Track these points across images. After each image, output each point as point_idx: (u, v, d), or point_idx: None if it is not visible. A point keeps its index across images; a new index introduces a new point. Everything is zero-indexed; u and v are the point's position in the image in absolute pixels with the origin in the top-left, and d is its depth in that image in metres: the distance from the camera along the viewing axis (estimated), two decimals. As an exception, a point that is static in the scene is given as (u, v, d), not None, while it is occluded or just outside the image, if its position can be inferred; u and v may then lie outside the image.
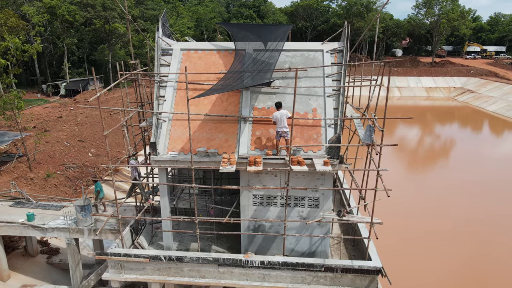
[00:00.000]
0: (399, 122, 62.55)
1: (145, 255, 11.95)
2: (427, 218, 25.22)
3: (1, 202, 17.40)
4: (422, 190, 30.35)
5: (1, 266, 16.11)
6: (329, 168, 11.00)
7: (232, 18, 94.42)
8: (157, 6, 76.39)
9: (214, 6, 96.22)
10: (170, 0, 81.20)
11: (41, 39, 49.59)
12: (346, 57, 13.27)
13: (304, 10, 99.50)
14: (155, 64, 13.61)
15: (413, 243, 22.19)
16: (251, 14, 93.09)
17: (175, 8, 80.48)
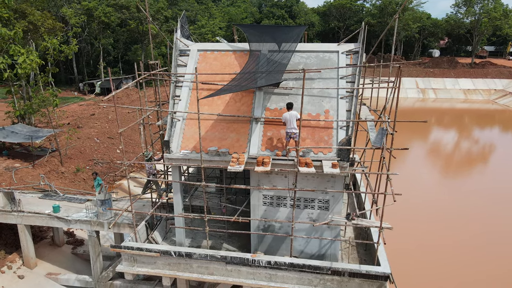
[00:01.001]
0: (434, 126, 60.47)
1: (156, 250, 12.32)
2: (453, 225, 24.29)
3: (31, 194, 18.47)
4: (452, 196, 29.23)
5: (28, 254, 17.09)
6: (337, 170, 10.90)
7: (264, 19, 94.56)
8: (190, 7, 77.94)
9: (246, 7, 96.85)
10: (203, 1, 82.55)
11: (79, 40, 52.02)
12: (361, 58, 13.07)
13: (337, 10, 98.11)
14: (172, 64, 14.00)
15: (433, 250, 21.44)
16: (283, 14, 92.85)
17: (207, 9, 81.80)
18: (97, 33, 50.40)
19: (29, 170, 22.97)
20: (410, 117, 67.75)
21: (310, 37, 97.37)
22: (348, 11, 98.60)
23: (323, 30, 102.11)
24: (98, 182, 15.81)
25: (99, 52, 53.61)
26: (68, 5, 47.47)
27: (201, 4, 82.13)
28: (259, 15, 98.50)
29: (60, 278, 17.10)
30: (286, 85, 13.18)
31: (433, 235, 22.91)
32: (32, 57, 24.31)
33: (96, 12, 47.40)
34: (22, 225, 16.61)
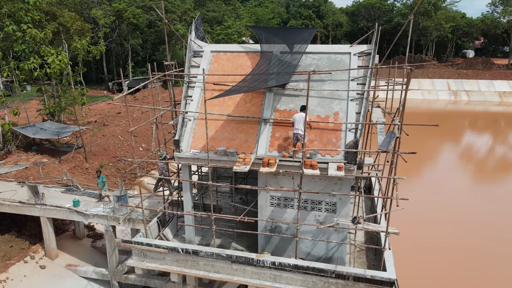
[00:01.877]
0: (466, 129, 58.37)
1: (165, 246, 12.64)
2: (474, 231, 23.43)
3: (55, 188, 19.33)
4: (479, 201, 28.17)
5: (50, 245, 17.91)
6: (342, 173, 10.81)
7: (291, 19, 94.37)
8: (217, 8, 78.84)
9: (274, 7, 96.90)
10: (230, 2, 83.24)
11: (109, 40, 53.81)
12: (373, 60, 12.88)
13: (366, 9, 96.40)
14: (185, 65, 14.30)
15: (453, 257, 20.77)
16: (310, 14, 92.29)
17: (234, 9, 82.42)
18: (126, 34, 51.94)
19: (56, 166, 24.01)
20: (440, 120, 66.02)
21: (337, 38, 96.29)
22: (378, 11, 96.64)
23: (351, 30, 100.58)
24: (102, 179, 16.43)
25: (128, 52, 55.23)
26: (99, 6, 49.18)
27: (228, 5, 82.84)
28: (286, 16, 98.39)
29: (79, 269, 17.80)
30: (297, 86, 13.19)
31: (455, 239, 22.20)
32: (61, 57, 25.42)
33: (125, 13, 48.86)
34: (45, 217, 17.42)
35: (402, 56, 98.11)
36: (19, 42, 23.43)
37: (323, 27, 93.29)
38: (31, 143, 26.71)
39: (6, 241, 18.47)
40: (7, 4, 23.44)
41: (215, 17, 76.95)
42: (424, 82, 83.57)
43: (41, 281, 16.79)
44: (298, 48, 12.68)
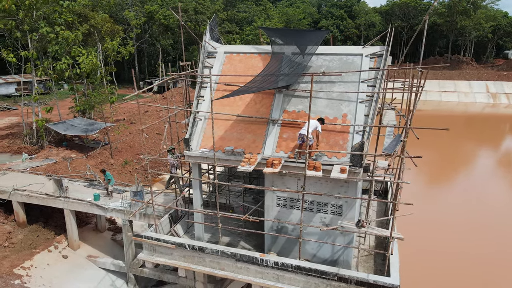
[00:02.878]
0: (507, 134, 55.71)
1: (172, 242, 13.02)
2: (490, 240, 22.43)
3: (79, 182, 20.31)
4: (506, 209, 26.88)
5: (72, 237, 18.83)
6: (344, 176, 10.73)
7: (322, 19, 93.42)
8: (247, 8, 79.43)
9: (305, 7, 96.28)
10: (261, 3, 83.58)
11: (141, 41, 55.53)
12: (385, 61, 12.67)
13: (401, 9, 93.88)
14: (199, 65, 14.64)
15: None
16: (342, 14, 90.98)
17: (265, 10, 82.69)
18: (157, 34, 53.44)
19: (83, 161, 25.17)
20: (478, 125, 63.08)
21: (369, 38, 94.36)
22: (413, 10, 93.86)
23: (385, 30, 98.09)
24: (107, 177, 17.13)
25: (159, 52, 56.78)
26: (132, 8, 50.87)
27: (259, 6, 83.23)
28: (317, 16, 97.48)
29: (98, 261, 18.61)
30: (307, 88, 13.17)
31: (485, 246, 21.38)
32: (90, 57, 26.60)
33: (156, 15, 50.28)
34: (68, 210, 18.35)
35: (438, 56, 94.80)
36: (52, 43, 24.76)
37: (354, 27, 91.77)
38: (62, 139, 28.12)
39: (34, 230, 19.61)
40: (43, 7, 24.81)
41: (246, 18, 77.56)
42: (460, 84, 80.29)
43: (63, 270, 17.70)
44: (308, 50, 12.67)
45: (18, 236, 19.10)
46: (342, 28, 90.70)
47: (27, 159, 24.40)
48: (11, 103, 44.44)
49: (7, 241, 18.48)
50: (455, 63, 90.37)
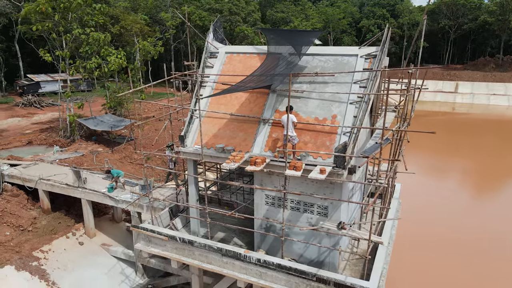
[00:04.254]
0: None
1: (165, 234, 13.61)
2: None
3: (98, 174, 21.59)
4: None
5: (89, 225, 20.08)
6: (322, 176, 10.70)
7: (364, 18, 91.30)
8: (285, 8, 79.38)
9: (346, 7, 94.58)
10: (299, 2, 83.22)
11: (178, 41, 57.37)
12: (381, 62, 12.45)
13: (448, 7, 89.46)
14: (201, 65, 15.14)
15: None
16: (384, 13, 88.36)
17: (303, 10, 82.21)
18: (192, 35, 54.99)
19: (108, 155, 26.64)
20: (496, 128, 58.97)
21: (413, 38, 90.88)
22: (462, 8, 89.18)
23: (430, 30, 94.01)
24: (113, 174, 18.12)
25: (194, 52, 58.35)
26: (170, 9, 52.76)
27: (297, 6, 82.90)
28: (359, 15, 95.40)
29: (111, 249, 19.69)
30: (300, 88, 13.24)
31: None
32: (120, 56, 28.09)
33: (192, 16, 51.77)
34: (85, 199, 19.60)
35: (488, 57, 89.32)
36: (84, 44, 26.47)
37: (397, 26, 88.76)
38: (92, 134, 29.90)
39: (56, 217, 21.12)
40: (77, 9, 26.59)
41: (283, 18, 77.56)
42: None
43: (78, 255, 18.93)
44: (302, 50, 12.72)
45: (42, 221, 20.67)
46: (384, 27, 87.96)
47: (58, 151, 26.25)
48: (56, 99, 47.69)
49: (31, 225, 20.06)
50: (507, 64, 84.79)
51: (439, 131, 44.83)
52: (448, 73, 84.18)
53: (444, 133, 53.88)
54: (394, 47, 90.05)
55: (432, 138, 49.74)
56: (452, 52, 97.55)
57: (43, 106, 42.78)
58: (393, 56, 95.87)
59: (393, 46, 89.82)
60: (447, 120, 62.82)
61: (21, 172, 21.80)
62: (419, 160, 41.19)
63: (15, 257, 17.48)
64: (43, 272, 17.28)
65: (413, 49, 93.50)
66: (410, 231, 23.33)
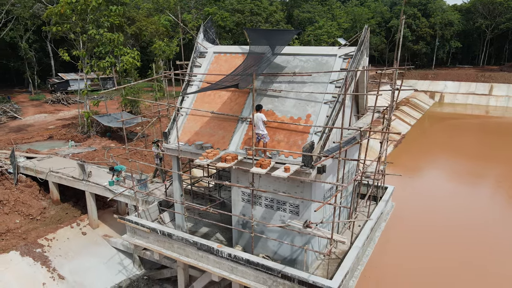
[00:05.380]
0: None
1: (148, 226, 14.17)
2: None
3: (103, 168, 22.60)
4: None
5: (92, 216, 21.08)
6: (284, 174, 10.85)
7: (393, 18, 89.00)
8: (312, 9, 78.88)
9: (376, 6, 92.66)
10: (326, 2, 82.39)
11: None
12: (358, 62, 12.42)
13: (484, 6, 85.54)
14: (189, 65, 15.60)
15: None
16: (415, 13, 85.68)
17: (330, 10, 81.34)
18: (215, 35, 56.00)
19: (120, 150, 27.76)
20: None
21: (446, 38, 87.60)
22: (499, 7, 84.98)
23: (465, 30, 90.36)
24: (117, 170, 18.88)
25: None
26: (191, 10, 53.94)
27: (324, 6, 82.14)
28: (389, 15, 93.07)
29: (111, 240, 20.60)
30: (279, 88, 13.41)
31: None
32: (133, 55, 29.19)
33: (215, 17, 52.66)
34: (88, 192, 20.62)
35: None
36: (99, 43, 27.76)
37: (428, 26, 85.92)
38: (107, 130, 31.22)
39: (64, 208, 22.33)
40: (94, 12, 27.91)
41: (309, 18, 77.15)
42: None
43: (79, 244, 19.95)
44: (277, 50, 12.89)
45: (50, 212, 21.93)
46: (414, 27, 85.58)
47: (73, 146, 27.66)
48: (82, 97, 50.06)
49: (40, 215, 21.34)
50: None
51: (468, 134, 43.50)
52: (482, 74, 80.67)
53: (474, 136, 51.78)
54: (425, 47, 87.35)
55: (462, 141, 47.78)
56: (489, 53, 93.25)
57: (69, 103, 44.99)
58: (423, 56, 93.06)
59: (424, 47, 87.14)
60: (479, 123, 60.19)
61: (34, 164, 23.19)
62: (445, 163, 39.95)
63: (21, 243, 18.69)
64: (45, 259, 18.35)
65: (445, 49, 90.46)
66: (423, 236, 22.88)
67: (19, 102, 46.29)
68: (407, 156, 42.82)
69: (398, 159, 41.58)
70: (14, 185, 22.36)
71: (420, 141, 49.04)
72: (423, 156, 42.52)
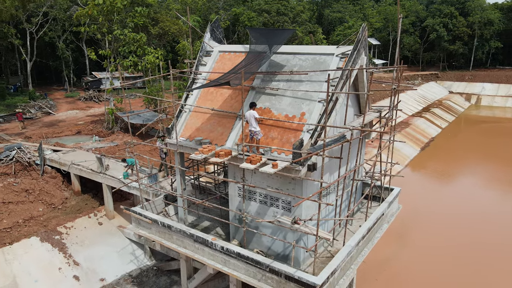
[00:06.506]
0: None
1: (150, 218, 14.79)
2: None
3: (121, 163, 23.64)
4: None
5: (109, 207, 22.15)
6: (271, 170, 11.05)
7: (429, 17, 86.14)
8: (343, 8, 77.91)
9: (411, 5, 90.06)
10: (358, 2, 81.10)
11: (229, 41, 59.25)
12: (355, 61, 12.42)
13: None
14: (195, 63, 16.12)
15: None
16: (452, 11, 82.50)
17: (362, 9, 79.99)
18: (242, 34, 56.60)
19: (140, 146, 28.85)
20: None
21: (486, 38, 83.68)
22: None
23: (506, 29, 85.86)
24: (129, 163, 19.64)
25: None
26: (219, 11, 54.86)
27: (356, 5, 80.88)
28: (424, 13, 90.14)
29: (125, 231, 21.54)
30: (277, 86, 13.60)
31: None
32: (157, 55, 30.24)
33: (241, 17, 53.32)
34: (105, 184, 21.68)
35: None
36: (124, 43, 29.01)
37: (466, 25, 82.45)
38: (131, 127, 32.49)
39: (85, 199, 23.59)
40: (120, 13, 29.20)
41: (339, 18, 76.28)
42: None
43: (95, 234, 21.05)
44: (274, 49, 13.11)
45: (71, 202, 23.23)
46: (451, 27, 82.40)
47: (96, 141, 29.05)
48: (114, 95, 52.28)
49: (62, 204, 22.67)
50: None
51: (506, 139, 41.80)
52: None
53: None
54: (462, 48, 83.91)
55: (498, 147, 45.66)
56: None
57: (100, 101, 47.07)
58: (460, 57, 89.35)
59: (461, 47, 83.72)
60: (516, 127, 57.25)
61: (59, 157, 24.63)
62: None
63: (41, 230, 19.98)
64: (62, 245, 19.53)
65: (485, 50, 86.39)
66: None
67: (55, 99, 49.01)
68: (435, 159, 41.56)
69: (425, 163, 40.48)
70: (40, 176, 23.85)
71: (451, 145, 47.35)
72: (453, 160, 41.05)
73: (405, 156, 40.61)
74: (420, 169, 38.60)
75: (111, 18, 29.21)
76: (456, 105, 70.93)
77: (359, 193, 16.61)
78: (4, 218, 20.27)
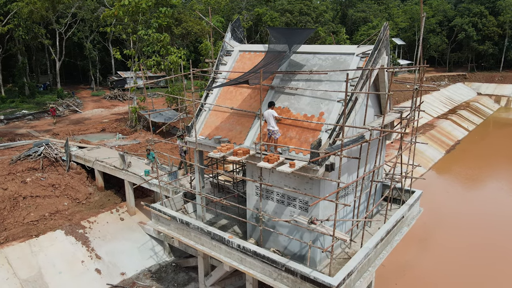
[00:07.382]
0: None
1: (169, 214, 15.04)
2: None
3: (142, 160, 24.13)
4: None
5: (130, 204, 22.64)
6: (288, 169, 11.03)
7: (457, 17, 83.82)
8: (367, 8, 76.82)
9: (438, 4, 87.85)
10: (383, 1, 79.76)
11: (251, 41, 59.49)
12: (376, 61, 12.27)
13: None
14: (216, 62, 16.27)
15: None
16: (481, 11, 79.94)
17: (387, 9, 78.63)
18: (264, 35, 56.68)
19: (161, 144, 29.37)
20: None
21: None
22: None
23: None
24: (152, 156, 19.89)
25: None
26: (242, 11, 55.11)
27: (381, 5, 79.58)
28: (452, 13, 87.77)
29: (145, 227, 21.97)
30: (297, 85, 13.58)
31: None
32: (180, 54, 30.71)
33: (264, 17, 53.39)
34: (127, 181, 22.17)
35: None
36: (148, 43, 29.60)
37: (497, 25, 79.76)
38: (153, 125, 33.10)
39: (108, 195, 24.20)
40: (145, 13, 29.82)
41: (364, 18, 75.24)
42: None
43: (117, 229, 21.56)
44: (293, 49, 13.09)
45: (95, 197, 23.88)
46: (480, 26, 79.85)
47: (120, 138, 29.74)
48: (137, 94, 53.40)
49: (86, 199, 23.34)
50: None
51: None
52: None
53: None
54: (491, 48, 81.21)
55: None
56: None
57: (125, 99, 48.16)
58: (490, 57, 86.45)
59: (491, 47, 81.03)
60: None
61: (84, 153, 25.37)
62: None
63: (66, 223, 20.63)
64: (86, 239, 20.11)
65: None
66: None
67: (82, 97, 50.47)
68: (460, 163, 40.43)
69: (450, 166, 39.43)
70: (66, 171, 24.64)
71: (478, 148, 45.93)
72: (479, 164, 39.79)
73: (429, 159, 39.65)
74: (444, 172, 37.63)
75: (136, 19, 29.86)
76: (484, 107, 68.68)
77: (378, 195, 16.37)
78: (32, 211, 21.05)
